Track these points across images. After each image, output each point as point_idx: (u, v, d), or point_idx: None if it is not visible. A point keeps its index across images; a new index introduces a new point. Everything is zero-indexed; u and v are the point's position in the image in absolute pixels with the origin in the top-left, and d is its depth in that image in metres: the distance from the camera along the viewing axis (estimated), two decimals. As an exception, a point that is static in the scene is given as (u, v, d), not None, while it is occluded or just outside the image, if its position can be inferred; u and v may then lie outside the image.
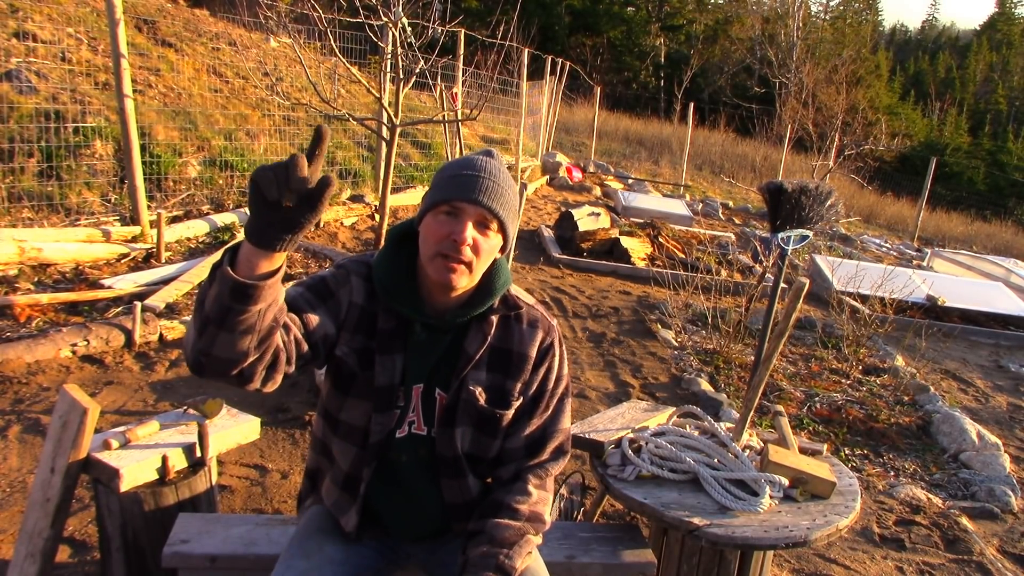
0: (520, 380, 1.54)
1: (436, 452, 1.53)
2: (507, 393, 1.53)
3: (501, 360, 1.53)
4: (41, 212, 5.37)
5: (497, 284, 1.51)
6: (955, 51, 53.68)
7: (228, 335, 1.17)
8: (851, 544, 3.06)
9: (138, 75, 6.84)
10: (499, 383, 1.53)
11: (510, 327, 1.55)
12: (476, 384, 1.51)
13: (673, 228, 8.91)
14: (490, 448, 1.55)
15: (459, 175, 1.43)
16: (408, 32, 5.45)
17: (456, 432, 1.51)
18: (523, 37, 11.46)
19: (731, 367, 4.93)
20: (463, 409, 1.51)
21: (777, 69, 30.23)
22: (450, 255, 1.40)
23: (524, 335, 1.55)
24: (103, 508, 2.03)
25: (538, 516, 1.52)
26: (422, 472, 1.55)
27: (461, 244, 1.39)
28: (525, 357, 1.54)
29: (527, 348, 1.54)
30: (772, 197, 2.60)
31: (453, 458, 1.53)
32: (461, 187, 1.41)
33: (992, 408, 5.06)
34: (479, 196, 1.40)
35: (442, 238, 1.40)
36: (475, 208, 1.41)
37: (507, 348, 1.54)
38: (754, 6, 37.78)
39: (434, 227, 1.42)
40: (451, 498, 1.56)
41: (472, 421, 1.52)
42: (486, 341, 1.51)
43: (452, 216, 1.41)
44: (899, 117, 30.81)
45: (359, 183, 8.32)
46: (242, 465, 3.08)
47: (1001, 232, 18.87)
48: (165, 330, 4.16)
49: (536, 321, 1.57)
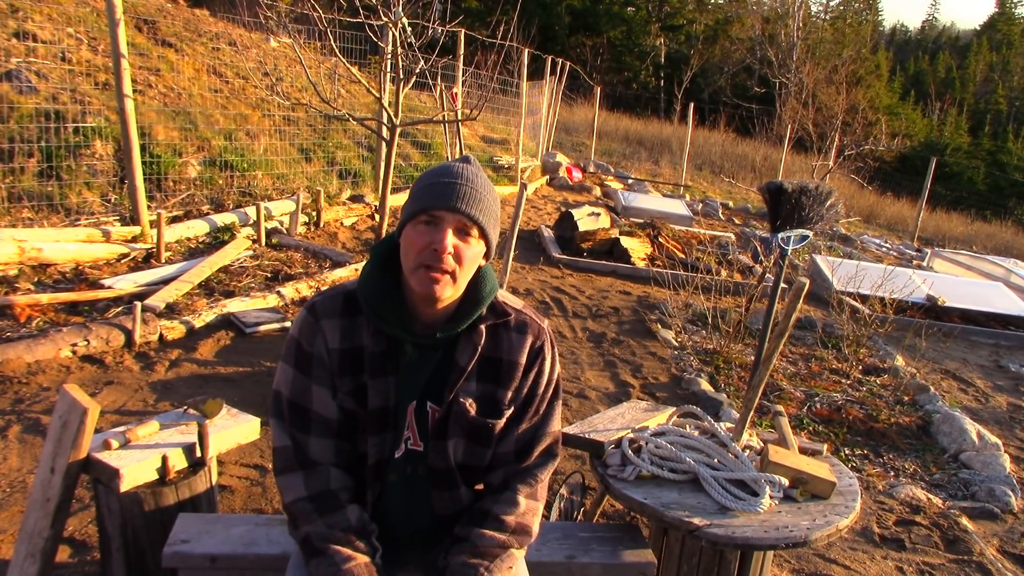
0: (511, 388, 1.52)
1: (429, 465, 1.52)
2: (498, 402, 1.52)
3: (491, 369, 1.51)
4: (41, 212, 5.37)
5: (484, 292, 1.49)
6: (955, 51, 53.69)
7: None
8: (851, 544, 3.06)
9: (138, 75, 6.84)
10: (490, 392, 1.51)
11: (499, 335, 1.53)
12: (467, 396, 1.49)
13: (673, 228, 8.91)
14: (483, 457, 1.55)
15: (436, 183, 1.41)
16: (408, 32, 5.45)
17: (448, 444, 1.50)
18: (523, 37, 11.46)
19: (731, 367, 4.93)
20: (454, 421, 1.50)
21: (777, 69, 30.22)
22: (432, 265, 1.38)
23: (513, 342, 1.53)
24: (103, 508, 2.03)
25: (524, 528, 1.51)
26: (414, 486, 1.55)
27: (442, 253, 1.37)
28: (515, 364, 1.52)
29: (517, 355, 1.52)
30: (772, 197, 2.60)
31: (446, 470, 1.52)
32: (438, 195, 1.39)
33: (992, 408, 5.06)
34: (457, 203, 1.38)
35: (422, 248, 1.38)
36: (454, 216, 1.38)
37: (497, 357, 1.52)
38: (754, 6, 37.76)
39: (414, 238, 1.39)
40: (441, 509, 1.56)
41: (464, 432, 1.51)
42: (476, 352, 1.49)
43: (431, 225, 1.39)
44: (899, 117, 30.80)
45: (359, 183, 8.32)
46: (242, 465, 3.08)
47: (1001, 232, 18.86)
48: (165, 330, 4.16)
49: (525, 326, 1.55)
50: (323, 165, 8.21)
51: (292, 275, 5.35)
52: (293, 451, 1.47)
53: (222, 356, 4.11)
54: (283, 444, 1.48)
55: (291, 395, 1.48)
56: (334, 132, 8.74)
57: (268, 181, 7.26)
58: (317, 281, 5.21)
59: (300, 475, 1.45)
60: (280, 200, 6.70)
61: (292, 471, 1.46)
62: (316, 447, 1.47)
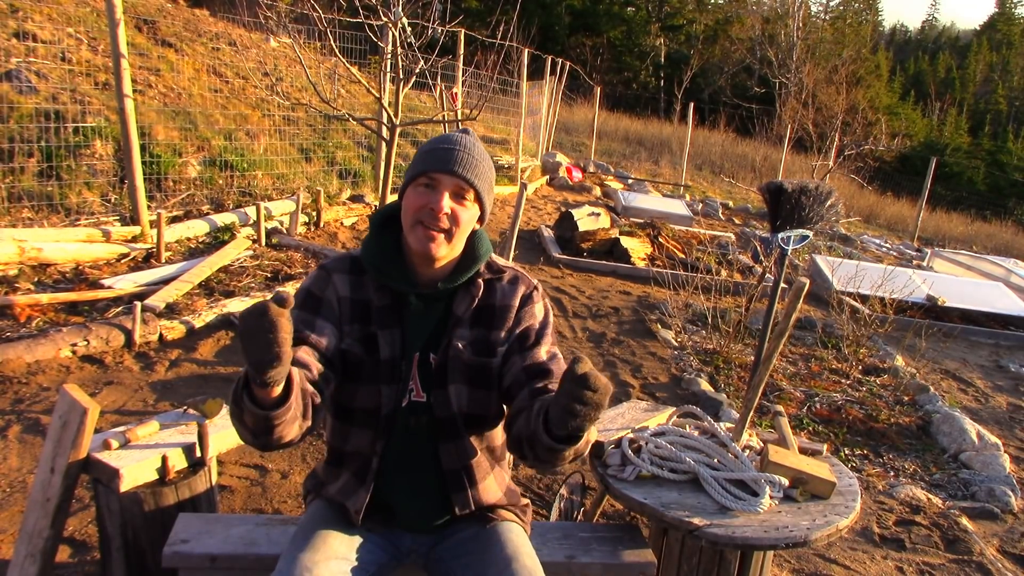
0: (504, 329, 1.60)
1: (433, 415, 1.56)
2: (492, 343, 1.59)
3: (484, 315, 1.60)
4: (41, 212, 5.37)
5: (481, 251, 1.59)
6: (955, 51, 53.67)
7: (279, 434, 1.30)
8: (851, 544, 3.06)
9: (138, 75, 6.84)
10: (483, 336, 1.59)
11: (493, 287, 1.63)
12: (460, 340, 1.57)
13: (673, 228, 8.91)
14: (487, 403, 1.59)
15: (436, 149, 1.52)
16: (408, 32, 5.45)
17: (450, 390, 1.56)
18: (523, 37, 11.45)
19: (731, 367, 4.93)
20: (452, 366, 1.56)
21: (777, 69, 30.23)
22: (428, 224, 1.48)
23: (506, 291, 1.63)
24: (103, 508, 2.03)
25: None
26: (421, 440, 1.58)
27: (438, 212, 1.47)
28: (508, 307, 1.61)
29: (509, 300, 1.62)
30: (772, 197, 2.60)
31: (450, 418, 1.57)
32: (438, 159, 1.50)
33: (992, 408, 5.06)
34: (455, 167, 1.49)
35: (420, 207, 1.49)
36: (451, 178, 1.49)
37: (491, 304, 1.61)
38: (754, 6, 37.78)
39: (413, 198, 1.50)
40: (449, 463, 1.59)
41: (463, 377, 1.57)
42: (474, 302, 1.59)
43: (430, 188, 1.50)
44: (899, 117, 30.80)
45: (359, 183, 8.32)
46: (242, 465, 3.08)
47: (1001, 232, 18.86)
48: (165, 330, 4.16)
49: (517, 279, 1.65)
50: (323, 165, 8.21)
51: (292, 275, 5.35)
52: None
53: (222, 356, 4.11)
54: None
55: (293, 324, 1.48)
56: (334, 132, 8.74)
57: (268, 181, 7.27)
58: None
59: None
60: (280, 200, 6.70)
61: None
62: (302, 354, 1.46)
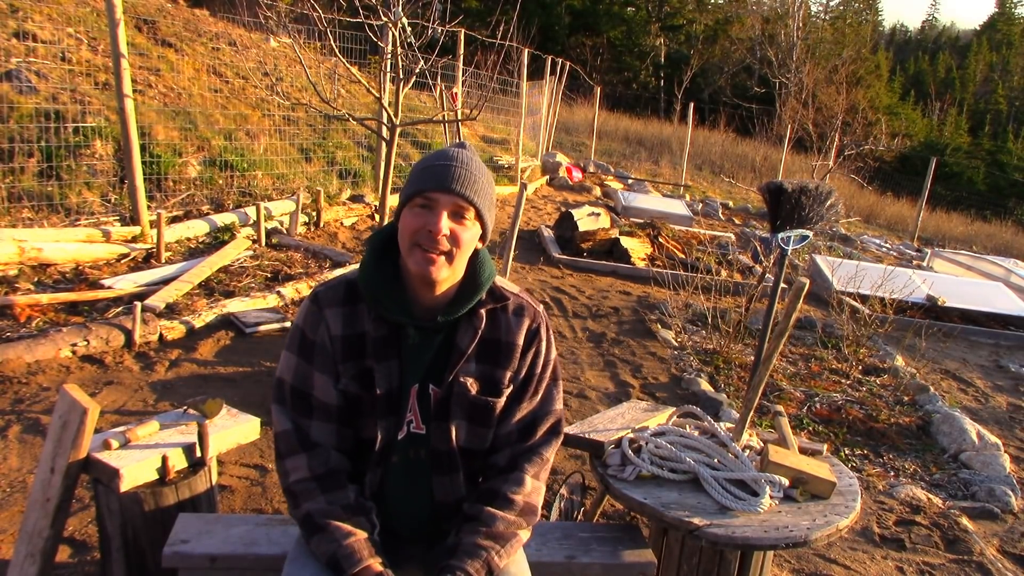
0: (510, 368, 1.56)
1: (431, 447, 1.54)
2: (497, 382, 1.55)
3: (490, 350, 1.55)
4: (41, 212, 5.37)
5: (483, 278, 1.52)
6: (955, 51, 53.66)
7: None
8: (851, 544, 3.06)
9: (138, 75, 6.84)
10: (489, 372, 1.55)
11: (497, 318, 1.56)
12: (467, 376, 1.53)
13: (673, 228, 8.90)
14: (484, 440, 1.58)
15: (432, 166, 1.44)
16: (408, 32, 5.44)
17: (451, 425, 1.53)
18: (523, 37, 11.44)
19: (731, 367, 4.93)
20: (456, 402, 1.53)
21: (777, 69, 30.21)
22: (427, 246, 1.41)
23: (511, 324, 1.56)
24: (103, 508, 2.03)
25: (532, 508, 1.54)
26: (416, 471, 1.56)
27: (437, 234, 1.40)
28: (513, 345, 1.56)
29: (514, 336, 1.56)
30: (772, 197, 2.59)
31: (447, 452, 1.55)
32: (434, 177, 1.42)
33: (992, 408, 5.06)
34: (452, 185, 1.41)
35: (417, 230, 1.41)
36: (449, 197, 1.41)
37: (495, 338, 1.56)
38: (754, 6, 37.75)
39: (410, 220, 1.43)
40: (441, 496, 1.58)
41: (465, 413, 1.54)
42: (477, 335, 1.53)
43: (427, 208, 1.42)
44: (899, 117, 30.79)
45: (359, 183, 8.32)
46: (242, 465, 3.08)
47: (1001, 232, 18.85)
48: (165, 330, 4.16)
49: (522, 309, 1.59)
50: (323, 165, 8.21)
51: (292, 275, 5.35)
52: (295, 435, 1.51)
53: (222, 356, 4.11)
54: (285, 428, 1.52)
55: (294, 381, 1.52)
56: (334, 132, 8.74)
57: (268, 181, 7.26)
58: (317, 281, 5.21)
59: (303, 456, 1.49)
60: (280, 200, 6.70)
61: (295, 453, 1.50)
62: (318, 431, 1.51)
